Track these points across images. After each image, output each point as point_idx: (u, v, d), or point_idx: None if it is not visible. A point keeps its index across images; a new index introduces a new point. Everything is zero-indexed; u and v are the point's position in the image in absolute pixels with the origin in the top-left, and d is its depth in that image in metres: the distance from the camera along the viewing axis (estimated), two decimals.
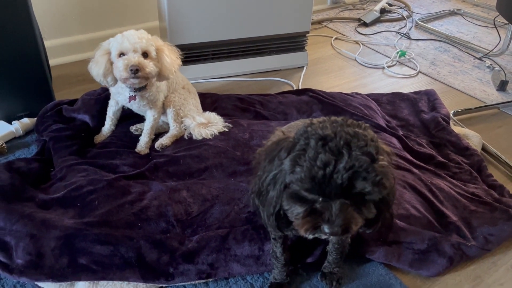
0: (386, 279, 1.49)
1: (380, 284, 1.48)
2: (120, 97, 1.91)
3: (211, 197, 1.67)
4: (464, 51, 3.26)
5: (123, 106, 2.01)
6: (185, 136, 2.04)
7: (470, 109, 2.47)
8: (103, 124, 2.06)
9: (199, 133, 2.00)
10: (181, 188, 1.70)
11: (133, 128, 2.08)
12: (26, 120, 2.14)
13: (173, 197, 1.63)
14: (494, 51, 3.10)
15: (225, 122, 2.10)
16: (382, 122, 2.20)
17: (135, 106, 1.92)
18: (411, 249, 1.55)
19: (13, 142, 2.09)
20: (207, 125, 2.05)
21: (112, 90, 1.93)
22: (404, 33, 3.51)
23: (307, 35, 2.85)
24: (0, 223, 1.47)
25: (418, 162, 1.92)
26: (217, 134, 2.02)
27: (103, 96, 2.13)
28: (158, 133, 2.06)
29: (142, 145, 1.97)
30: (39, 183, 1.72)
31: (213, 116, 2.10)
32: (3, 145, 1.99)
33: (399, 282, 1.49)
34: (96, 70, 1.74)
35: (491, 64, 3.03)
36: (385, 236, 1.55)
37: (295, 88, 2.66)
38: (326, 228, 0.86)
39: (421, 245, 1.55)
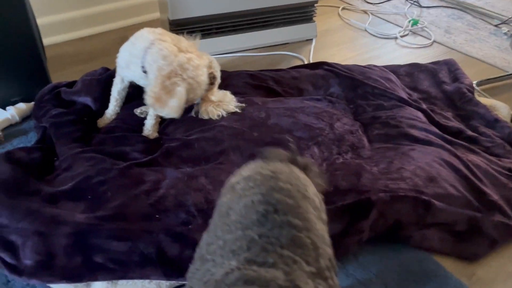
0: (427, 264, 1.39)
1: (421, 270, 1.37)
2: (129, 72, 1.73)
3: None
4: (478, 18, 3.11)
5: (129, 84, 1.85)
6: (192, 114, 1.89)
7: (494, 78, 2.34)
8: (106, 107, 1.90)
9: (205, 111, 1.85)
10: (198, 174, 1.56)
11: (137, 111, 1.92)
12: (21, 105, 1.97)
13: (191, 185, 1.50)
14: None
15: (238, 101, 1.94)
16: (404, 95, 2.07)
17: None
18: (451, 231, 1.45)
19: (9, 129, 1.93)
20: (217, 104, 1.89)
21: (120, 63, 1.76)
22: (414, 0, 3.34)
23: (315, 5, 2.68)
24: (4, 221, 1.33)
25: (448, 137, 1.79)
26: (226, 115, 1.86)
27: (105, 77, 1.96)
28: None
29: (149, 128, 1.82)
30: (43, 174, 1.57)
31: (223, 94, 1.94)
32: (0, 134, 1.84)
33: (440, 267, 1.38)
34: None
35: (508, 31, 2.89)
36: (423, 218, 1.43)
37: (306, 62, 2.50)
38: None
39: (462, 227, 1.45)
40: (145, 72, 1.65)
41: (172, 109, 1.57)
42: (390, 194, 1.44)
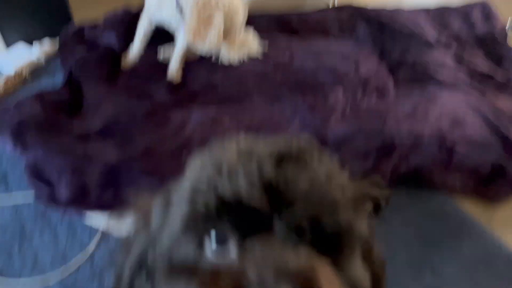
0: (448, 205, 1.42)
1: (442, 211, 1.41)
2: (160, 13, 1.73)
3: (255, 125, 1.57)
4: None
5: (157, 25, 1.84)
6: (215, 58, 1.89)
7: None
8: (130, 48, 1.91)
9: (228, 55, 1.84)
10: (223, 116, 1.59)
11: (161, 56, 1.93)
12: (46, 45, 2.00)
13: (216, 126, 1.53)
14: None
15: (261, 43, 1.93)
16: (433, 38, 2.01)
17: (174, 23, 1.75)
18: (474, 174, 1.46)
19: (36, 70, 1.97)
20: (240, 46, 1.88)
21: (151, 3, 1.75)
22: None
23: None
24: (39, 156, 1.40)
25: (476, 82, 1.76)
26: (249, 58, 1.86)
27: (129, 17, 1.96)
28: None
29: (173, 72, 1.83)
30: (72, 114, 1.62)
31: (246, 36, 1.92)
32: (27, 75, 1.88)
33: (459, 208, 1.41)
34: None
35: None
36: (446, 162, 1.45)
37: (330, 6, 2.43)
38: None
39: (484, 170, 1.46)
40: (179, 10, 1.65)
41: (212, 40, 1.60)
42: (414, 137, 1.45)
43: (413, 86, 1.75)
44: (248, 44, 1.90)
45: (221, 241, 0.41)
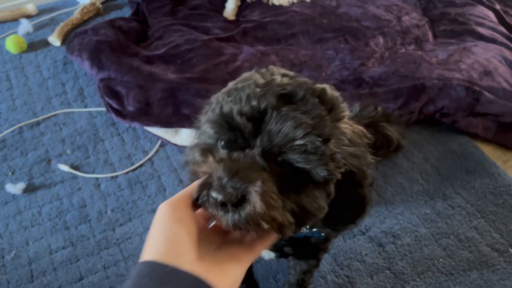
0: (467, 147, 1.55)
1: (461, 151, 1.54)
2: None
3: (298, 62, 1.73)
4: None
5: None
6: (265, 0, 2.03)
7: None
8: None
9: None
10: (270, 52, 1.76)
11: None
12: None
13: (263, 60, 1.70)
14: None
15: None
16: None
17: None
18: (497, 121, 1.57)
19: (107, 4, 2.19)
20: None
21: None
22: None
23: None
24: (112, 74, 1.63)
25: None
26: (297, 1, 1.99)
27: None
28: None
29: (229, 12, 2.00)
30: (139, 41, 1.84)
31: None
32: (100, 6, 2.10)
33: (480, 150, 1.54)
34: None
35: None
36: (472, 107, 1.56)
37: None
38: (212, 191, 0.50)
39: (508, 118, 1.56)
40: None
41: None
42: (443, 82, 1.57)
43: (451, 38, 1.84)
44: None
45: (222, 145, 0.56)
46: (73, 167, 1.51)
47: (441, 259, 1.27)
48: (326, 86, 0.59)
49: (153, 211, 1.38)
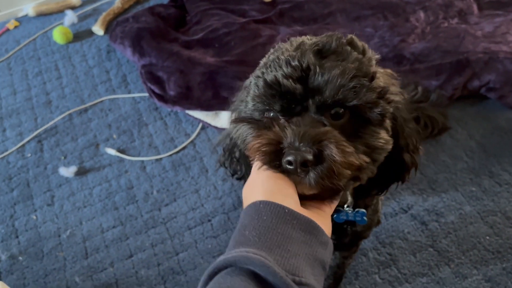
0: None
1: (509, 127, 1.48)
2: None
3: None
4: None
5: None
6: None
7: None
8: None
9: None
10: (307, 32, 1.73)
11: None
12: None
13: None
14: None
15: None
16: None
17: None
18: None
19: None
20: None
21: None
22: None
23: None
24: (153, 60, 1.68)
25: None
26: None
27: None
28: None
29: None
30: (178, 27, 1.88)
31: None
32: None
33: None
34: None
35: None
36: None
37: None
38: (287, 155, 0.51)
39: None
40: None
41: None
42: (489, 55, 1.51)
43: (498, 9, 1.75)
44: None
45: (274, 115, 0.58)
46: (120, 150, 1.58)
47: (487, 237, 1.25)
48: (351, 35, 0.61)
49: (196, 191, 1.43)
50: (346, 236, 0.84)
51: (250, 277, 0.42)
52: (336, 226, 0.78)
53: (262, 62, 0.63)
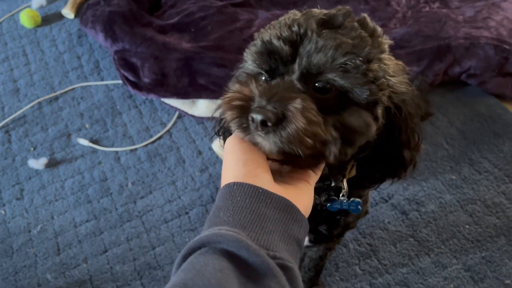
0: (495, 108, 1.48)
1: (488, 113, 1.48)
2: None
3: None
4: None
5: None
6: None
7: None
8: None
9: None
10: None
11: None
12: None
13: None
14: None
15: None
16: None
17: None
18: None
19: None
20: None
21: None
22: None
23: None
24: (126, 45, 1.61)
25: None
26: None
27: None
28: None
29: None
30: (152, 10, 1.80)
31: None
32: None
33: (508, 112, 1.47)
34: None
35: None
36: (501, 67, 1.49)
37: None
38: (252, 112, 0.49)
39: None
40: None
41: None
42: (470, 41, 1.49)
43: None
44: None
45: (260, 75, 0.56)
46: (93, 141, 1.52)
47: (467, 226, 1.24)
48: (365, 15, 0.58)
49: (173, 183, 1.39)
50: (338, 227, 0.81)
51: (223, 255, 0.42)
52: (329, 216, 0.76)
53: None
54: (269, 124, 0.48)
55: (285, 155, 0.50)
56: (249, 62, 0.58)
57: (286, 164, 0.54)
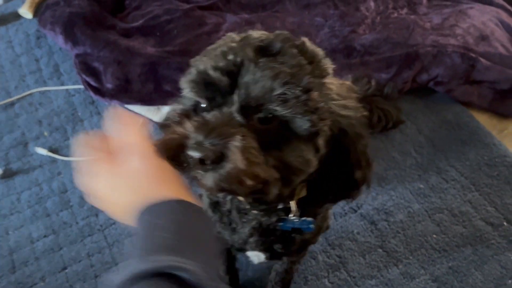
0: (462, 116, 1.49)
1: (455, 120, 1.49)
2: None
3: (285, 31, 1.63)
4: None
5: None
6: None
7: None
8: None
9: None
10: (255, 21, 1.66)
11: None
12: None
13: (248, 30, 1.61)
14: None
15: None
16: None
17: None
18: (493, 88, 1.51)
19: None
20: None
21: None
22: None
23: None
24: (87, 49, 1.53)
25: None
26: None
27: None
28: None
29: None
30: (115, 11, 1.73)
31: None
32: None
33: (475, 120, 1.49)
34: None
35: None
36: (467, 74, 1.50)
37: None
38: (189, 149, 0.47)
39: (504, 85, 1.50)
40: None
41: None
42: (438, 49, 1.49)
43: (446, 0, 1.74)
44: None
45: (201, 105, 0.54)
46: (52, 150, 1.44)
47: (434, 236, 1.24)
48: (305, 39, 0.57)
49: None
50: (294, 244, 0.79)
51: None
52: (283, 235, 0.74)
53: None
54: (207, 162, 0.46)
55: (225, 191, 0.49)
56: (186, 90, 0.56)
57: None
